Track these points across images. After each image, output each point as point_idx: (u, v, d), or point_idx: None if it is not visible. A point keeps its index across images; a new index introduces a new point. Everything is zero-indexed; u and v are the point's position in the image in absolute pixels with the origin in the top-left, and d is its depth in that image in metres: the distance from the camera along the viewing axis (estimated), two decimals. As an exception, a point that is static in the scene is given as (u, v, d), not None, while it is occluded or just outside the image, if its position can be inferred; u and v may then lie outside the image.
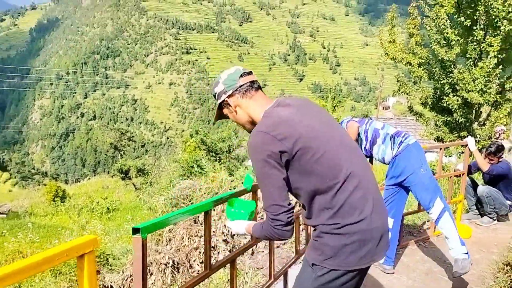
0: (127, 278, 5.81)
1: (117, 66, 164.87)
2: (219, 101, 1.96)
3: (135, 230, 1.60)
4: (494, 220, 5.55)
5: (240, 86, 1.90)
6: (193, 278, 2.09)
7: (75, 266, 6.60)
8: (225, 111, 1.99)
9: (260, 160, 1.74)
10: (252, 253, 4.74)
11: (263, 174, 1.76)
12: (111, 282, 5.88)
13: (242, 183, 2.35)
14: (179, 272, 4.73)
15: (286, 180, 1.78)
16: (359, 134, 4.09)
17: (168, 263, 4.68)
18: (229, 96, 1.92)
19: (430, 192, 3.68)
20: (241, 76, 1.91)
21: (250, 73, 1.95)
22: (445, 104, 11.50)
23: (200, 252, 4.80)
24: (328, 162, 1.76)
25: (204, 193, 7.74)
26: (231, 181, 8.85)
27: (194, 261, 4.78)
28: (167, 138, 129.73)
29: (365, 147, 4.08)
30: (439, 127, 12.35)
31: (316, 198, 1.80)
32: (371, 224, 1.79)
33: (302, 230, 4.44)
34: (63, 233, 12.46)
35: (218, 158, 23.08)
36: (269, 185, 1.76)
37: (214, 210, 5.64)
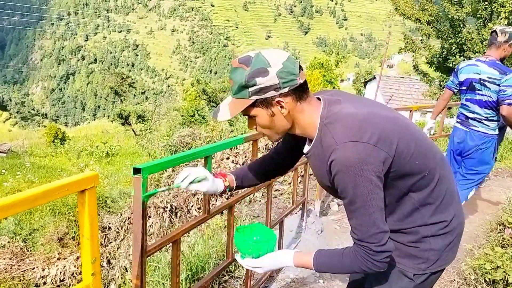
0: (125, 220, 5.93)
1: (119, 9, 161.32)
2: (260, 97, 1.35)
3: (136, 170, 1.60)
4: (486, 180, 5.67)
5: (300, 85, 1.36)
6: (191, 221, 2.12)
7: (74, 207, 6.73)
8: (259, 111, 1.39)
9: (364, 179, 1.29)
10: (250, 201, 4.81)
11: (368, 196, 1.31)
12: (109, 224, 6.00)
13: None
14: (177, 217, 4.81)
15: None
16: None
17: (166, 207, 4.76)
18: (282, 95, 1.35)
19: None
20: (300, 70, 1.36)
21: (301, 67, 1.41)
22: (451, 64, 11.37)
23: (198, 199, 4.87)
24: (421, 152, 1.40)
25: (204, 142, 7.78)
26: (231, 131, 8.88)
27: (192, 206, 4.86)
28: (168, 86, 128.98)
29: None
30: (443, 87, 12.26)
31: (409, 197, 1.44)
32: (462, 210, 1.57)
33: (299, 182, 4.48)
34: (62, 174, 12.62)
35: (218, 108, 23.06)
36: (372, 208, 1.32)
37: (213, 158, 5.69)
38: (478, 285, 2.90)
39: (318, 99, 1.45)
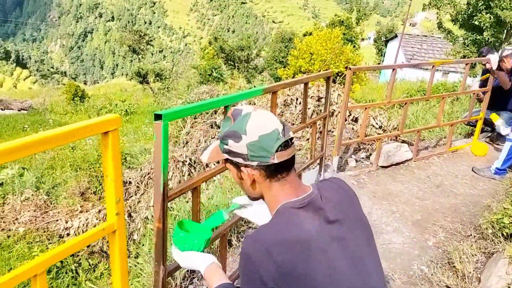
0: (145, 175, 6.05)
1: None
2: (230, 158, 1.30)
3: (157, 117, 1.61)
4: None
5: (274, 164, 1.25)
6: (211, 169, 2.15)
7: (95, 163, 6.86)
8: (231, 168, 1.35)
9: (248, 277, 1.23)
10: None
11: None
12: (129, 178, 6.12)
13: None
14: (195, 170, 4.88)
15: None
16: None
17: (186, 161, 4.81)
18: (249, 167, 1.28)
19: None
20: (278, 149, 1.23)
21: (289, 144, 1.27)
22: (476, 22, 11.01)
23: (216, 153, 4.91)
24: None
25: (222, 99, 7.75)
26: (249, 88, 8.84)
27: (210, 161, 4.90)
28: (185, 45, 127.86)
29: None
30: (467, 45, 11.92)
31: None
32: None
33: (318, 138, 4.47)
34: (83, 131, 12.80)
35: (236, 67, 22.85)
36: None
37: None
38: (495, 239, 2.91)
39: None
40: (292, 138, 1.28)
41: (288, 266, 1.16)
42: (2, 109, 13.61)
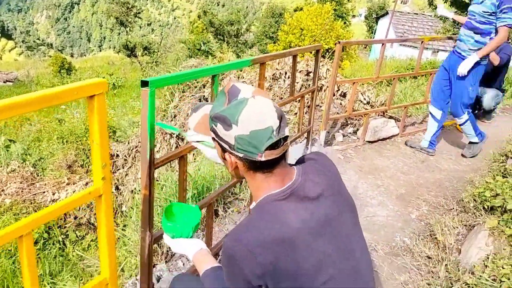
0: (132, 149, 6.04)
1: None
2: (216, 139, 1.26)
3: (144, 83, 1.61)
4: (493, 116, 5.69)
5: (258, 161, 1.20)
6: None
7: (82, 136, 6.81)
8: (216, 145, 1.30)
9: (232, 274, 1.24)
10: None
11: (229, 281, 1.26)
12: (117, 151, 6.11)
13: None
14: (183, 142, 4.88)
15: None
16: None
17: (173, 134, 4.81)
18: (234, 155, 1.23)
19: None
20: (268, 148, 1.17)
21: (281, 143, 1.20)
22: (467, 0, 11.00)
23: (204, 126, 4.91)
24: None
25: (211, 73, 7.70)
26: (238, 63, 8.77)
27: (198, 134, 4.90)
28: (174, 18, 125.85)
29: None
30: (458, 24, 11.94)
31: None
32: None
33: (305, 113, 4.49)
34: (71, 104, 12.68)
35: (226, 42, 22.62)
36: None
37: (220, 78, 5.66)
38: (477, 212, 2.98)
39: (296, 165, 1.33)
40: (286, 137, 1.21)
41: (273, 265, 1.16)
42: (-14, 81, 13.39)
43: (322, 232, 1.22)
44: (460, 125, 4.32)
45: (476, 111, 5.72)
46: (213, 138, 1.27)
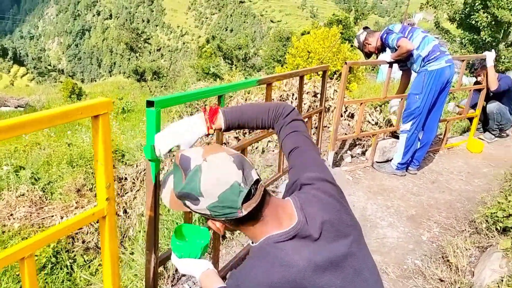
0: (141, 172, 6.04)
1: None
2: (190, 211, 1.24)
3: (150, 104, 1.60)
4: (496, 136, 5.63)
5: (241, 217, 1.16)
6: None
7: (91, 159, 6.84)
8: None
9: None
10: (263, 151, 4.83)
11: None
12: (125, 175, 6.11)
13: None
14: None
15: None
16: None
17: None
18: (215, 220, 1.22)
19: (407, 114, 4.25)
20: (244, 201, 1.12)
21: (253, 190, 1.15)
22: (473, 21, 11.03)
23: (213, 139, 4.91)
24: None
25: (219, 96, 7.75)
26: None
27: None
28: (183, 43, 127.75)
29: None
30: (464, 45, 11.95)
31: None
32: None
33: (313, 134, 4.47)
34: (80, 129, 12.81)
35: (234, 66, 22.85)
36: None
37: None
38: (489, 233, 2.91)
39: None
40: (257, 180, 1.16)
41: None
42: (-2, 106, 13.58)
43: (327, 267, 1.17)
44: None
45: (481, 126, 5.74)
46: (190, 212, 1.24)
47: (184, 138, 1.44)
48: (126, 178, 6.13)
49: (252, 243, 1.27)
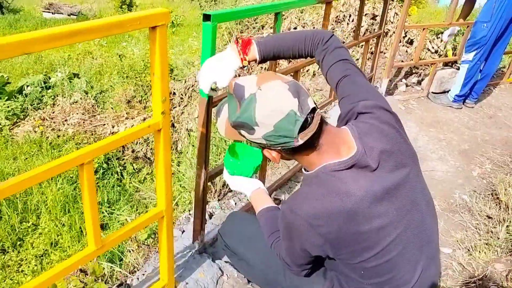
0: (189, 87, 6.08)
1: None
2: (246, 139, 1.23)
3: (206, 17, 1.55)
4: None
5: (298, 146, 1.13)
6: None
7: (141, 72, 6.92)
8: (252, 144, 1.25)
9: (288, 238, 1.27)
10: (314, 75, 4.72)
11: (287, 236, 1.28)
12: (174, 89, 6.18)
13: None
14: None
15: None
16: None
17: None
18: (271, 149, 1.21)
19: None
20: (300, 130, 1.09)
21: (310, 119, 1.10)
22: None
23: (261, 67, 4.83)
24: (386, 267, 1.21)
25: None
26: None
27: (256, 74, 4.84)
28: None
29: None
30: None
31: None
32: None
33: (368, 59, 4.29)
34: (130, 40, 12.90)
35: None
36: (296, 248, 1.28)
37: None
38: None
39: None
40: (313, 108, 1.11)
41: (334, 235, 1.13)
42: (52, 13, 13.73)
43: (384, 196, 1.15)
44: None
45: None
46: (246, 141, 1.24)
47: (219, 74, 1.39)
48: (174, 93, 6.20)
49: (306, 171, 1.25)
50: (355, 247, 1.16)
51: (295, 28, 5.39)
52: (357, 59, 4.79)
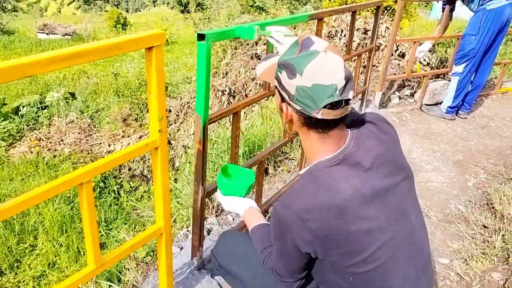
0: (185, 105, 6.11)
1: None
2: (277, 87, 1.23)
3: (200, 37, 1.58)
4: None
5: (313, 118, 1.15)
6: (253, 96, 2.13)
7: (136, 90, 6.95)
8: (276, 94, 1.28)
9: (280, 237, 1.28)
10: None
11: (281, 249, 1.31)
12: (169, 107, 6.21)
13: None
14: (234, 100, 4.88)
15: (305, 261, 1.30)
16: None
17: (225, 91, 4.81)
18: (292, 106, 1.19)
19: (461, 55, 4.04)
20: (326, 106, 1.10)
21: (341, 104, 1.12)
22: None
23: (256, 83, 4.87)
24: (374, 275, 1.22)
25: (264, 30, 7.57)
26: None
27: (250, 91, 4.88)
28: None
29: None
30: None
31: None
32: None
33: (361, 73, 4.34)
34: (125, 59, 12.97)
35: (279, -2, 22.12)
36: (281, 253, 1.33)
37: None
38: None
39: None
40: (348, 100, 1.12)
41: (323, 231, 1.15)
42: (47, 34, 13.82)
43: (374, 199, 1.17)
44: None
45: None
46: (275, 87, 1.24)
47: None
48: (170, 110, 6.23)
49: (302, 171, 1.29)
50: (344, 250, 1.17)
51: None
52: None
